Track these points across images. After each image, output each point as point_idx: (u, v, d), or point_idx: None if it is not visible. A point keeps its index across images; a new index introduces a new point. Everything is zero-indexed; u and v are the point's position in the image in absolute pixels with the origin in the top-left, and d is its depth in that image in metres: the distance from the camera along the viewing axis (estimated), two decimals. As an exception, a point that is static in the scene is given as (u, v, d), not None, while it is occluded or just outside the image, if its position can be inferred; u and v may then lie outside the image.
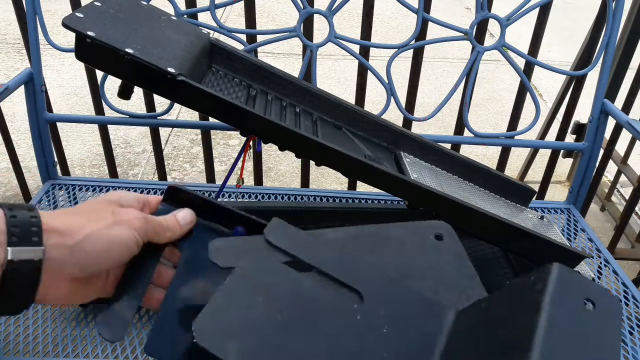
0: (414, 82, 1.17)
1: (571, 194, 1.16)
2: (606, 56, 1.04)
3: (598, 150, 1.10)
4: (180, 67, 0.71)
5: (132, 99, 0.80)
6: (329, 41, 1.06)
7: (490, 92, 2.70)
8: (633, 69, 1.38)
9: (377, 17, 1.29)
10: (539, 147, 1.76)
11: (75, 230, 0.39)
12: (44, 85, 1.05)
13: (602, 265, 0.98)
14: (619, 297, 0.90)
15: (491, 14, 1.04)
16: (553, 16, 1.16)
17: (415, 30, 1.06)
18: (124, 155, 2.02)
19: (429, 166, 0.97)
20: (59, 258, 0.38)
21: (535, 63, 1.11)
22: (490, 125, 2.40)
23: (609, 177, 2.00)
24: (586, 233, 1.06)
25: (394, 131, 0.95)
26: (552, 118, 1.71)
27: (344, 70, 2.81)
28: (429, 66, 2.88)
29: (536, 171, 1.94)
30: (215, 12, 1.01)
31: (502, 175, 1.00)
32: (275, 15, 3.51)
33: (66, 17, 0.66)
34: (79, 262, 0.39)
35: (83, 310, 0.79)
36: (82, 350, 0.74)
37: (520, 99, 1.20)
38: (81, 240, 0.39)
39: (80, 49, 0.68)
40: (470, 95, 1.12)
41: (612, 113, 1.05)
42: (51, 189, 1.10)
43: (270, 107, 0.87)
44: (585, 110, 1.22)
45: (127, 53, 0.67)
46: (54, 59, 2.67)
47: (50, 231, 0.38)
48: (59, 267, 0.38)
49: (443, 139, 1.14)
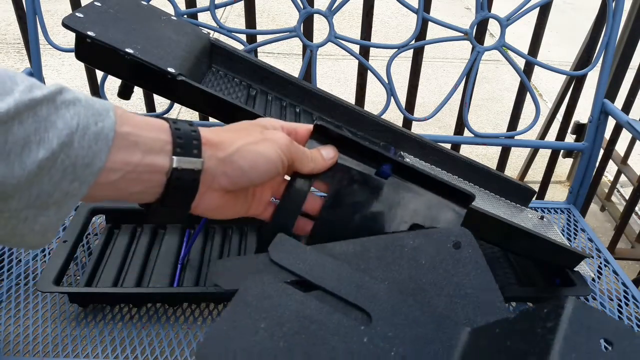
0: (414, 82, 1.17)
1: (571, 194, 1.16)
2: (606, 56, 1.04)
3: (598, 150, 1.10)
4: (180, 67, 0.71)
5: (132, 99, 0.80)
6: (329, 41, 1.06)
7: (490, 92, 2.70)
8: (633, 69, 1.38)
9: (377, 17, 1.29)
10: (539, 147, 1.76)
11: (227, 144, 0.42)
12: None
13: (602, 265, 0.98)
14: (619, 299, 0.90)
15: (491, 14, 1.04)
16: (553, 16, 1.16)
17: (415, 30, 1.06)
18: (124, 155, 2.02)
19: (429, 166, 0.97)
20: (212, 169, 0.41)
21: (535, 63, 1.11)
22: (490, 125, 2.40)
23: (609, 177, 2.00)
24: (586, 233, 1.06)
25: (394, 131, 0.95)
26: (552, 118, 1.71)
27: (344, 70, 2.81)
28: (429, 66, 2.88)
29: (536, 171, 1.94)
30: (215, 12, 1.01)
31: (502, 175, 1.00)
32: (275, 15, 3.51)
33: (66, 17, 0.66)
34: (228, 174, 0.42)
35: (83, 310, 0.79)
36: (82, 350, 0.74)
37: (520, 99, 1.20)
38: (231, 153, 0.42)
39: (80, 49, 0.68)
40: (470, 95, 1.12)
41: (612, 113, 1.05)
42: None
43: (270, 107, 0.87)
44: (585, 110, 1.22)
45: (127, 53, 0.67)
46: (54, 59, 2.67)
47: (206, 144, 0.41)
48: (212, 177, 0.41)
49: (443, 139, 1.14)
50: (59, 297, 0.81)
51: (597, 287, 0.93)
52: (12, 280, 0.83)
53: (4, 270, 0.85)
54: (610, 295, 0.92)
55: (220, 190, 0.43)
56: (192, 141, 0.40)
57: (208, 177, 0.41)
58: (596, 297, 0.91)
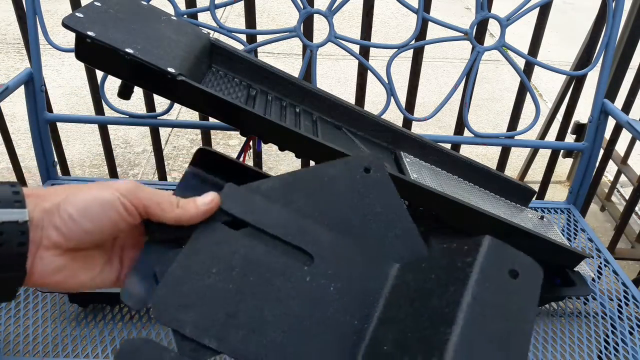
0: (414, 82, 1.17)
1: (571, 194, 1.16)
2: (606, 56, 1.04)
3: (598, 150, 1.10)
4: (180, 67, 0.71)
5: (132, 99, 0.80)
6: (329, 41, 1.06)
7: (490, 92, 2.70)
8: (633, 69, 1.38)
9: (377, 17, 1.29)
10: (539, 147, 1.76)
11: (54, 195, 0.37)
12: (44, 85, 1.05)
13: (602, 265, 0.98)
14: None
15: (491, 14, 1.04)
16: (553, 16, 1.16)
17: (415, 30, 1.06)
18: (124, 155, 2.02)
19: (429, 166, 0.97)
20: (38, 220, 0.36)
21: (535, 63, 1.11)
22: (490, 125, 2.40)
23: (609, 177, 2.00)
24: (586, 233, 1.06)
25: (394, 131, 0.95)
26: (552, 118, 1.71)
27: (344, 70, 2.81)
28: (429, 66, 2.88)
29: (536, 171, 1.94)
30: (215, 12, 1.01)
31: (502, 175, 1.00)
32: (275, 15, 3.51)
33: (66, 17, 0.66)
34: (57, 225, 0.36)
35: (83, 310, 0.79)
36: (82, 350, 0.74)
37: (520, 99, 1.20)
38: (58, 202, 0.36)
39: (80, 49, 0.68)
40: (470, 95, 1.12)
41: (612, 113, 1.05)
42: (51, 189, 1.10)
43: (270, 107, 0.87)
44: (585, 110, 1.22)
45: (127, 53, 0.67)
46: (54, 59, 2.67)
47: (30, 195, 0.36)
48: (40, 231, 0.36)
49: (443, 139, 1.14)
50: (59, 297, 0.81)
51: (597, 287, 0.93)
52: (12, 280, 0.83)
53: (4, 270, 0.85)
54: (610, 295, 0.92)
55: (54, 249, 0.36)
56: (10, 192, 0.35)
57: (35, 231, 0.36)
58: (596, 297, 0.91)
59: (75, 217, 0.36)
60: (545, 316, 0.90)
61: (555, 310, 0.90)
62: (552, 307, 0.90)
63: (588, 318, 0.88)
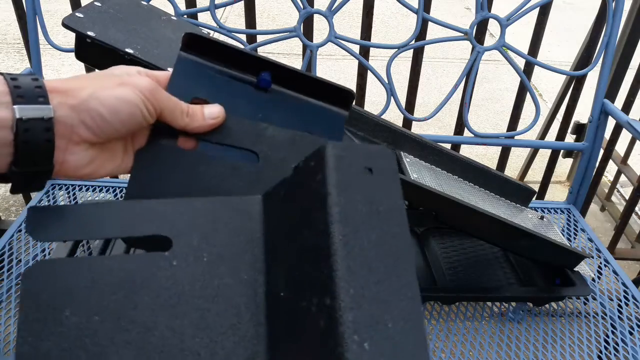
0: (414, 82, 1.17)
1: (571, 194, 1.16)
2: (606, 56, 1.04)
3: (598, 150, 1.10)
4: (180, 67, 0.71)
5: (132, 99, 0.80)
6: (329, 41, 1.06)
7: (490, 92, 2.70)
8: (633, 69, 1.38)
9: (377, 17, 1.29)
10: (539, 147, 1.76)
11: (78, 90, 0.37)
12: (44, 85, 1.05)
13: (602, 265, 0.98)
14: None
15: (491, 14, 1.04)
16: (553, 16, 1.16)
17: (415, 30, 1.06)
18: (124, 155, 2.02)
19: (429, 166, 0.97)
20: (66, 118, 0.36)
21: (535, 63, 1.11)
22: (490, 125, 2.40)
23: (609, 177, 2.00)
24: (586, 233, 1.06)
25: (394, 131, 0.95)
26: (552, 118, 1.71)
27: (344, 70, 2.81)
28: (429, 66, 2.88)
29: (536, 171, 1.94)
30: (215, 12, 1.01)
31: (502, 175, 1.00)
32: (275, 15, 3.51)
33: (66, 17, 0.66)
34: (87, 123, 0.37)
35: (83, 310, 0.79)
36: (82, 350, 0.74)
37: (520, 99, 1.20)
38: (85, 99, 0.37)
39: (80, 49, 0.68)
40: (470, 95, 1.12)
41: (612, 113, 1.05)
42: (51, 189, 1.10)
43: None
44: (585, 110, 1.22)
45: (127, 53, 0.67)
46: (54, 59, 2.67)
47: (53, 91, 0.36)
48: (69, 128, 0.37)
49: (443, 139, 1.14)
50: (59, 297, 0.80)
51: (597, 287, 0.93)
52: (12, 280, 0.83)
53: (4, 270, 0.85)
54: (610, 295, 0.92)
55: (84, 144, 0.38)
56: (34, 89, 0.35)
57: (64, 128, 0.36)
58: (596, 297, 0.91)
59: (107, 117, 0.37)
60: (545, 316, 0.90)
61: (555, 310, 0.90)
62: (552, 307, 0.90)
63: (588, 318, 0.88)
